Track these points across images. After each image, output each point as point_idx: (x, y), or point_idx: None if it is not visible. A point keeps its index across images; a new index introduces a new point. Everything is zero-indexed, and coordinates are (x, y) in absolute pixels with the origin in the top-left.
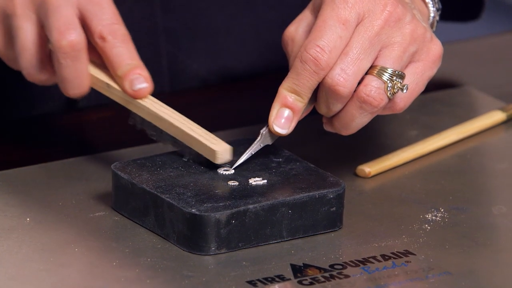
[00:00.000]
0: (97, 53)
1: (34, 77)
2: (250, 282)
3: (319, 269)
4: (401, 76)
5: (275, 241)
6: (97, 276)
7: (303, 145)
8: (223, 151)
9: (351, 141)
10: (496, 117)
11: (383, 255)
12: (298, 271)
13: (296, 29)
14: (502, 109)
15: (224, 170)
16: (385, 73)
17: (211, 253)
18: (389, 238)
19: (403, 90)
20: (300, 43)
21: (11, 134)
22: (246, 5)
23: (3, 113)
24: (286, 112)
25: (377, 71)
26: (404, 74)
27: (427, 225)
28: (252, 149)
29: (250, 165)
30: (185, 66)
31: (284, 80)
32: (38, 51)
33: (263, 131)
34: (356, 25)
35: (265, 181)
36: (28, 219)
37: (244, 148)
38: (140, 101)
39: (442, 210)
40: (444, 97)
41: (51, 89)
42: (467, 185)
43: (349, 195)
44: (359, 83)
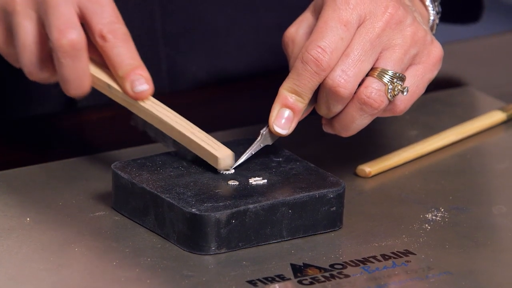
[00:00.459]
0: (97, 52)
1: (35, 75)
2: (250, 282)
3: (319, 268)
4: (402, 79)
5: (275, 241)
6: (97, 276)
7: (303, 145)
8: (225, 157)
9: (351, 141)
10: (496, 117)
11: (383, 254)
12: (298, 270)
13: (297, 30)
14: (502, 109)
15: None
16: (385, 75)
17: (211, 253)
18: (389, 238)
19: (403, 93)
20: (300, 44)
21: (11, 134)
22: (245, 8)
23: (3, 113)
24: (287, 112)
25: (377, 73)
26: (404, 76)
27: (427, 225)
28: (252, 149)
29: (250, 165)
30: (184, 69)
31: (285, 80)
32: (38, 49)
33: (263, 131)
34: (358, 26)
35: (265, 180)
36: (28, 219)
37: (244, 148)
38: (141, 103)
39: (442, 210)
40: (444, 97)
41: (51, 89)
42: (467, 185)
43: (349, 195)
44: (360, 84)
